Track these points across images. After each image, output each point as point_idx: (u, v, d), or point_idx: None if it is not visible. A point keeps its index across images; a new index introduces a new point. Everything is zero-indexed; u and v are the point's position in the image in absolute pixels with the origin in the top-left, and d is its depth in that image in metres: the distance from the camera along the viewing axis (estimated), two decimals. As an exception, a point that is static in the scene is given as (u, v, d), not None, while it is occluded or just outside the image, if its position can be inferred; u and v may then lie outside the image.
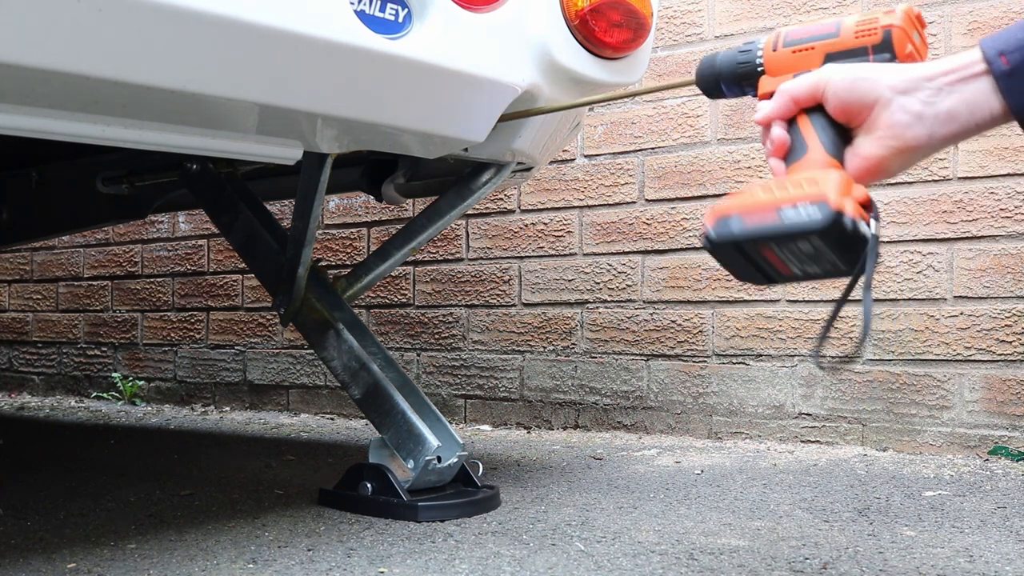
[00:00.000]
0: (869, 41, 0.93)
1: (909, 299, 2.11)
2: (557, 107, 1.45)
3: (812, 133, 0.91)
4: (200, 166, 1.78)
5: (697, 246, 2.38)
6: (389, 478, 1.46)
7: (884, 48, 0.92)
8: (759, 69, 1.00)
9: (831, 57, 0.95)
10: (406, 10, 1.26)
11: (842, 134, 0.91)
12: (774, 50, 0.99)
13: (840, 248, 0.85)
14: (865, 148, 0.89)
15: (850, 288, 0.91)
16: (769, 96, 0.98)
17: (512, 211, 2.67)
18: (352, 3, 1.18)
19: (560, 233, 2.59)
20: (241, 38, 1.08)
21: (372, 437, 1.57)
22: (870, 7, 2.18)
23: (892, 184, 2.14)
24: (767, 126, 0.96)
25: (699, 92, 1.11)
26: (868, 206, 0.87)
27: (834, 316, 0.92)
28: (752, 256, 0.89)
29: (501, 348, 2.67)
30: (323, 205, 3.03)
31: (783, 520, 1.43)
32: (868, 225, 0.86)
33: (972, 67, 0.84)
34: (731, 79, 1.03)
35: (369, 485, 1.48)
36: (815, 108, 0.92)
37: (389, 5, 1.24)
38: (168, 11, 1.01)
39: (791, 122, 0.94)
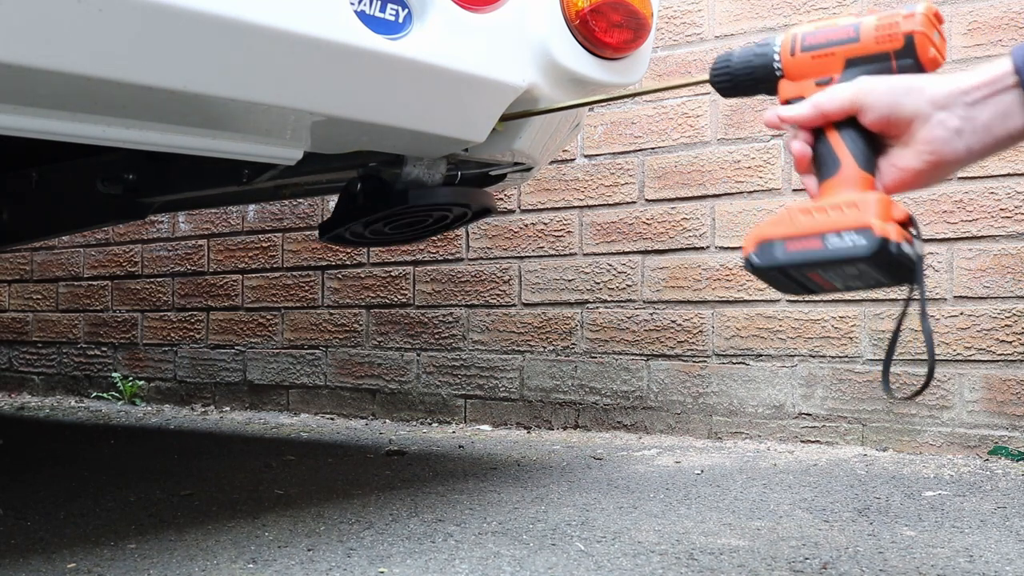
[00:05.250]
0: (891, 47, 0.92)
1: (909, 299, 2.11)
2: (564, 106, 1.45)
3: (844, 148, 0.91)
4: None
5: (697, 246, 2.38)
6: (380, 179, 1.50)
7: (907, 54, 0.91)
8: (777, 73, 0.99)
9: (852, 62, 0.94)
10: (406, 10, 1.26)
11: (873, 144, 0.91)
12: (792, 54, 0.97)
13: (885, 270, 0.87)
14: (902, 160, 0.89)
15: (903, 313, 0.96)
16: (791, 100, 0.97)
17: (512, 211, 2.67)
18: (352, 3, 1.18)
19: (560, 233, 2.59)
20: (241, 38, 1.08)
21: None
22: (872, 5, 2.18)
23: (892, 184, 2.14)
24: (791, 126, 0.94)
25: (699, 92, 1.11)
26: (908, 223, 0.88)
27: (894, 341, 0.96)
28: (796, 278, 0.91)
29: (501, 348, 2.67)
30: (323, 205, 3.03)
31: (783, 520, 1.43)
32: (912, 245, 0.87)
33: (1004, 79, 0.84)
34: (748, 81, 1.02)
35: (362, 192, 1.51)
36: (845, 121, 0.91)
37: (389, 5, 1.24)
38: (168, 11, 1.01)
39: (818, 133, 0.93)
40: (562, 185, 2.60)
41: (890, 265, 0.87)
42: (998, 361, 2.04)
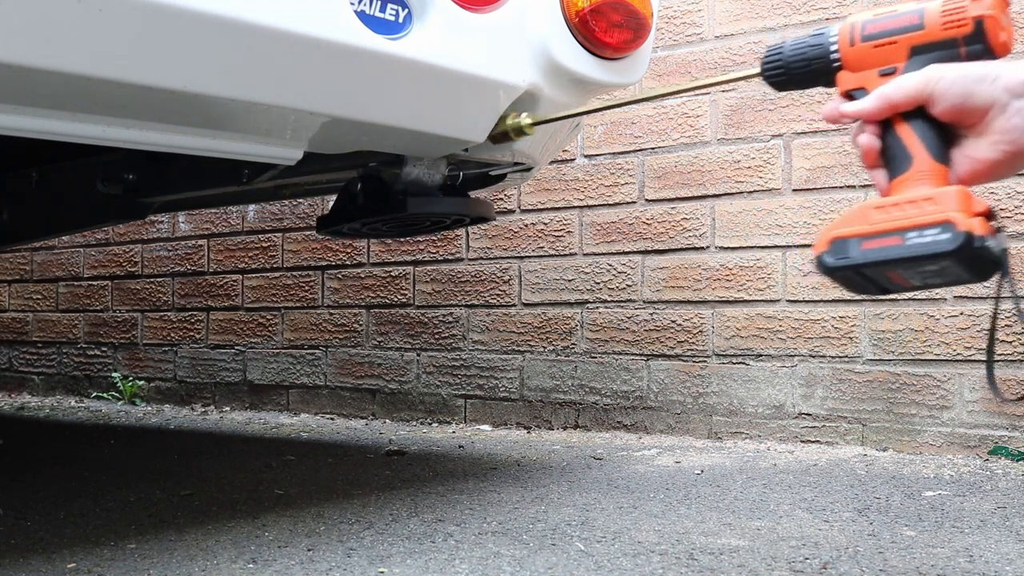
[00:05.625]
0: (959, 32, 0.88)
1: (909, 299, 2.11)
2: (595, 108, 1.44)
3: (916, 141, 0.87)
4: None
5: (697, 246, 2.38)
6: (380, 179, 1.49)
7: (976, 39, 0.88)
8: (835, 64, 0.95)
9: (917, 50, 0.90)
10: (406, 10, 1.26)
11: (944, 135, 0.87)
12: (852, 44, 0.93)
13: (968, 265, 0.84)
14: (978, 151, 0.86)
15: (995, 310, 0.93)
16: (852, 92, 0.93)
17: (512, 211, 2.67)
18: (352, 3, 1.18)
19: (560, 233, 2.59)
20: (241, 38, 1.08)
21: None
22: (871, 5, 2.18)
23: (892, 184, 2.13)
24: (860, 120, 0.90)
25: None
26: (989, 215, 0.85)
27: (992, 343, 0.94)
28: (872, 277, 0.88)
29: (501, 348, 2.67)
30: (323, 205, 3.03)
31: (783, 520, 1.43)
32: (995, 238, 0.84)
33: None
34: (803, 73, 0.97)
35: (362, 192, 1.50)
36: (915, 112, 0.87)
37: (389, 5, 1.24)
38: (168, 11, 1.01)
39: (886, 126, 0.89)
40: (562, 185, 2.60)
41: (973, 260, 0.83)
42: (998, 361, 2.04)
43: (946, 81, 0.85)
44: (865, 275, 0.88)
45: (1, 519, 1.45)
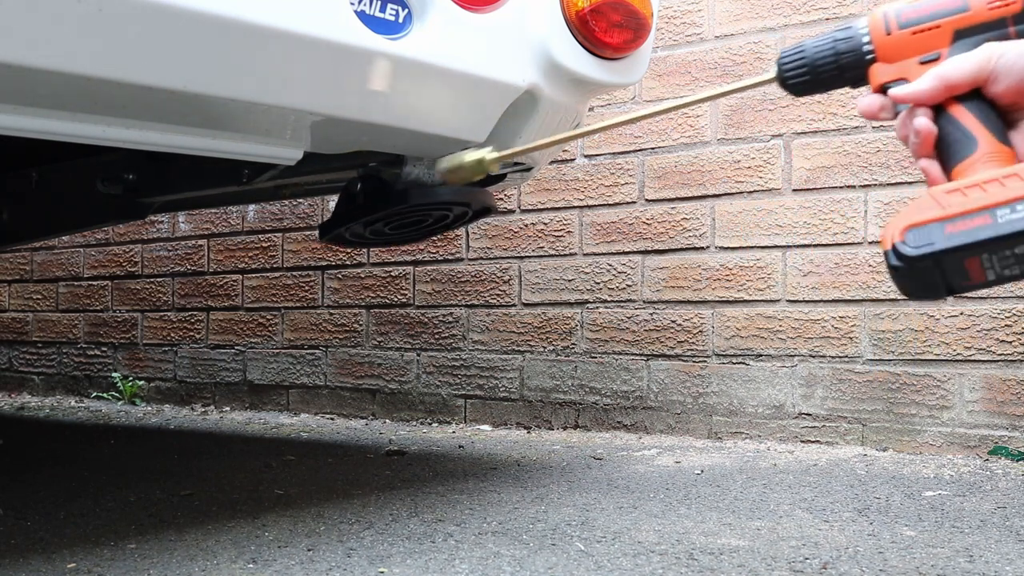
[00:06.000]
0: (1008, 11, 0.84)
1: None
2: (626, 120, 1.43)
3: (977, 123, 0.83)
4: None
5: (697, 246, 2.38)
6: (380, 179, 1.51)
7: None
8: (868, 57, 0.89)
9: (961, 34, 0.86)
10: (406, 10, 1.26)
11: (1002, 117, 0.83)
12: (888, 33, 0.88)
13: None
14: None
15: None
16: (888, 85, 0.88)
17: (512, 211, 2.67)
18: (352, 3, 1.18)
19: (560, 233, 2.59)
20: (241, 38, 1.08)
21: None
22: (872, 5, 2.18)
23: (892, 184, 2.14)
24: (911, 106, 0.85)
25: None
26: None
27: None
28: (949, 268, 0.82)
29: (501, 348, 2.67)
30: (323, 205, 3.03)
31: (783, 520, 1.43)
32: None
33: None
34: (830, 71, 0.91)
35: (362, 192, 1.52)
36: (971, 93, 0.83)
37: (389, 5, 1.24)
38: (168, 11, 1.01)
39: (938, 112, 0.85)
40: (562, 185, 2.60)
41: None
42: (998, 361, 2.04)
43: (1008, 58, 0.82)
44: (943, 265, 0.81)
45: (1, 519, 1.45)
